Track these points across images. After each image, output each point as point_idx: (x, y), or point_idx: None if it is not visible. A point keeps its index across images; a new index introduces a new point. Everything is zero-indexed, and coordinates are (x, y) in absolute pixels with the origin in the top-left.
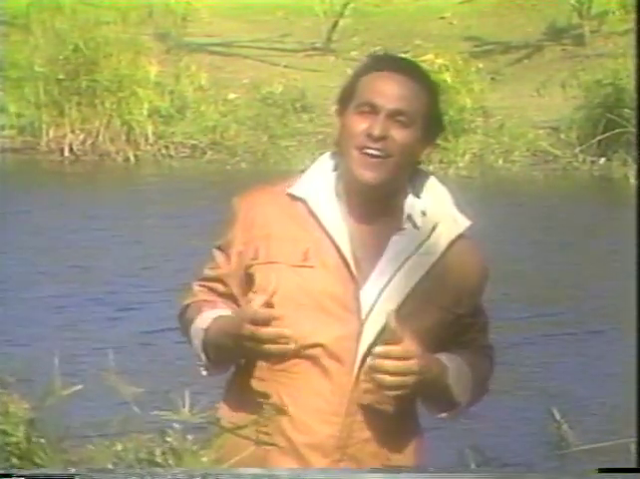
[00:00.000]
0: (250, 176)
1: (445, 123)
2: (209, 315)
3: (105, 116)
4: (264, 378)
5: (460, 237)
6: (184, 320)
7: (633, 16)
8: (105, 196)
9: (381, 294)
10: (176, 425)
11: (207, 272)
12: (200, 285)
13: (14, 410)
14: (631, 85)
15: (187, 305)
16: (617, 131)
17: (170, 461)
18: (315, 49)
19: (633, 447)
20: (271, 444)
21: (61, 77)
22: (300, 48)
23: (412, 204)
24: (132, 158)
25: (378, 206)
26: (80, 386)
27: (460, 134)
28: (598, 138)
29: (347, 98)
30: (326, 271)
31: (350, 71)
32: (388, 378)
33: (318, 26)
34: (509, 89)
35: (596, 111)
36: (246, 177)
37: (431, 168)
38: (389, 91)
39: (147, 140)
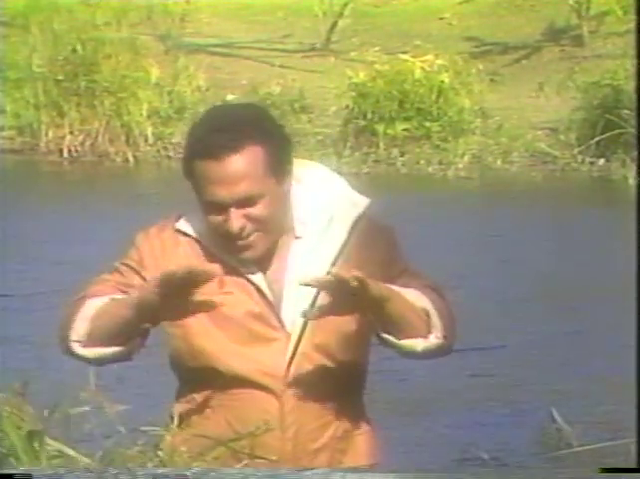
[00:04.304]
0: None
1: (287, 133)
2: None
3: (104, 116)
4: (212, 406)
5: (360, 217)
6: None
7: (632, 17)
8: (104, 196)
9: (298, 304)
10: (169, 438)
11: (103, 276)
12: (95, 281)
13: (16, 413)
14: (630, 85)
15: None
16: (616, 131)
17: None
18: (314, 49)
19: (633, 448)
20: (264, 458)
21: (60, 77)
22: (299, 48)
23: (302, 208)
24: (130, 158)
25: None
26: (87, 408)
27: (458, 134)
28: (597, 138)
29: (190, 174)
30: (245, 295)
31: (349, 72)
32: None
33: (317, 26)
34: (508, 89)
35: (595, 111)
36: None
37: (429, 169)
38: (225, 182)
39: (146, 140)
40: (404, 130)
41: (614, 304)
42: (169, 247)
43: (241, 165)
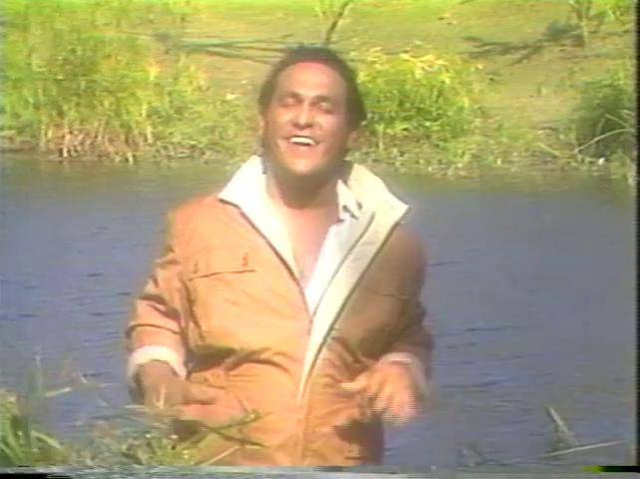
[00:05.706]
0: None
1: (366, 109)
2: (148, 354)
3: (104, 116)
4: (222, 386)
5: (398, 223)
6: (129, 342)
7: (632, 17)
8: (104, 196)
9: (327, 288)
10: (158, 424)
11: (149, 290)
12: (144, 305)
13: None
14: (630, 85)
15: (132, 327)
16: (616, 131)
17: (152, 459)
18: None
19: (633, 448)
20: (257, 444)
21: (60, 77)
22: None
23: (346, 195)
24: (130, 158)
25: (312, 198)
26: (67, 389)
27: (458, 134)
28: (597, 138)
29: (268, 94)
30: (268, 273)
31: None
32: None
33: (317, 26)
34: (508, 89)
35: (595, 111)
36: None
37: (429, 169)
38: (309, 79)
39: (145, 140)
40: (404, 130)
41: (614, 304)
42: (202, 217)
43: (328, 75)
